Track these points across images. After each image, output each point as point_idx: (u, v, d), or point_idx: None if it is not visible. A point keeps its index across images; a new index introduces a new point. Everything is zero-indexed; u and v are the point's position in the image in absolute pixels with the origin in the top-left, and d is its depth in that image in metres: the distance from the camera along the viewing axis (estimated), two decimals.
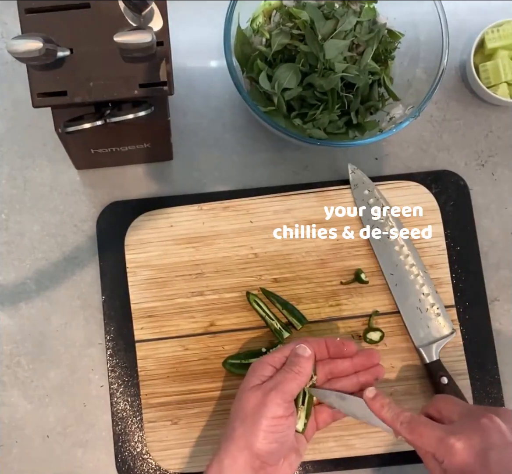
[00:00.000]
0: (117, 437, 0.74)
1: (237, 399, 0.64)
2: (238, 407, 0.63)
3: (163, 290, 0.75)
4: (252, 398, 0.62)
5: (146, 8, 0.57)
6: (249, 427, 0.61)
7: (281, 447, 0.62)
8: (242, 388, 0.64)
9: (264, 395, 0.62)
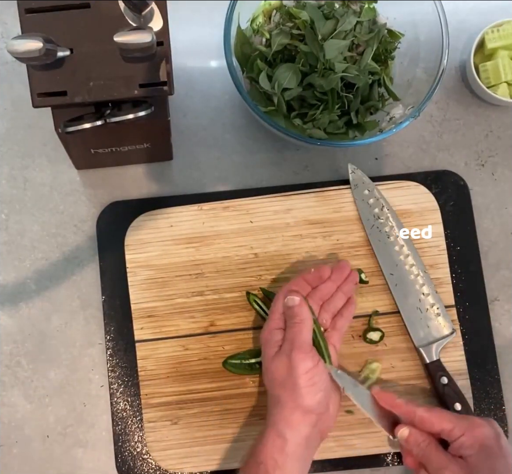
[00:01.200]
0: (117, 437, 0.74)
1: (266, 371, 0.67)
2: (271, 377, 0.66)
3: (163, 290, 0.75)
4: (279, 365, 0.65)
5: (146, 8, 0.57)
6: (290, 390, 0.64)
7: (325, 393, 0.65)
8: (266, 360, 0.67)
9: (288, 357, 0.65)
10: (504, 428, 0.74)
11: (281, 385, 0.65)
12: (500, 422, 0.74)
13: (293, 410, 0.64)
